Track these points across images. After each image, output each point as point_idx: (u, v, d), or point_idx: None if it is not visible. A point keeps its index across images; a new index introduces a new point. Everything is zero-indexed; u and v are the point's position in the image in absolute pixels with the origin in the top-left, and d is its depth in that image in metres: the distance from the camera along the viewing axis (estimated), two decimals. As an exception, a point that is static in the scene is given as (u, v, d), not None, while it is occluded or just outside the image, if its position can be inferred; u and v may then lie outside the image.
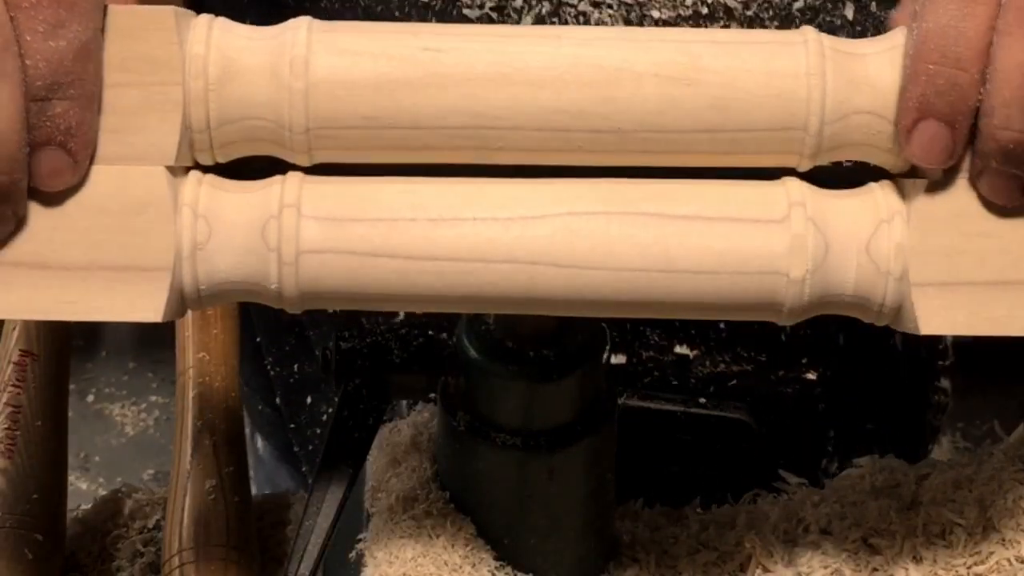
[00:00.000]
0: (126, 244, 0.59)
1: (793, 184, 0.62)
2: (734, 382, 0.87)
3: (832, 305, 0.61)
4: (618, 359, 0.85)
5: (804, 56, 0.60)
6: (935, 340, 0.97)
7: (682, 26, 0.77)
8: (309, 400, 1.01)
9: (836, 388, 0.91)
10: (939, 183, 0.60)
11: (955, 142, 0.59)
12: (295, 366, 1.00)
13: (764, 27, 0.78)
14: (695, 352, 0.87)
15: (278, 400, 1.03)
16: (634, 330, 0.85)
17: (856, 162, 0.63)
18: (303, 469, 1.05)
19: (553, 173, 0.62)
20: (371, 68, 0.60)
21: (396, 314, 0.82)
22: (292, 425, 1.02)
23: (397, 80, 0.60)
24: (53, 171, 0.59)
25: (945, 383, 1.01)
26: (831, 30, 0.79)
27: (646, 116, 0.60)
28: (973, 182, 0.60)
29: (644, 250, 0.60)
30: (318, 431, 1.01)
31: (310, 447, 1.02)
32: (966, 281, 0.60)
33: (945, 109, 0.58)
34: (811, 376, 0.89)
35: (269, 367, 1.02)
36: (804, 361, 0.88)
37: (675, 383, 0.87)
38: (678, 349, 0.87)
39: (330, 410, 0.98)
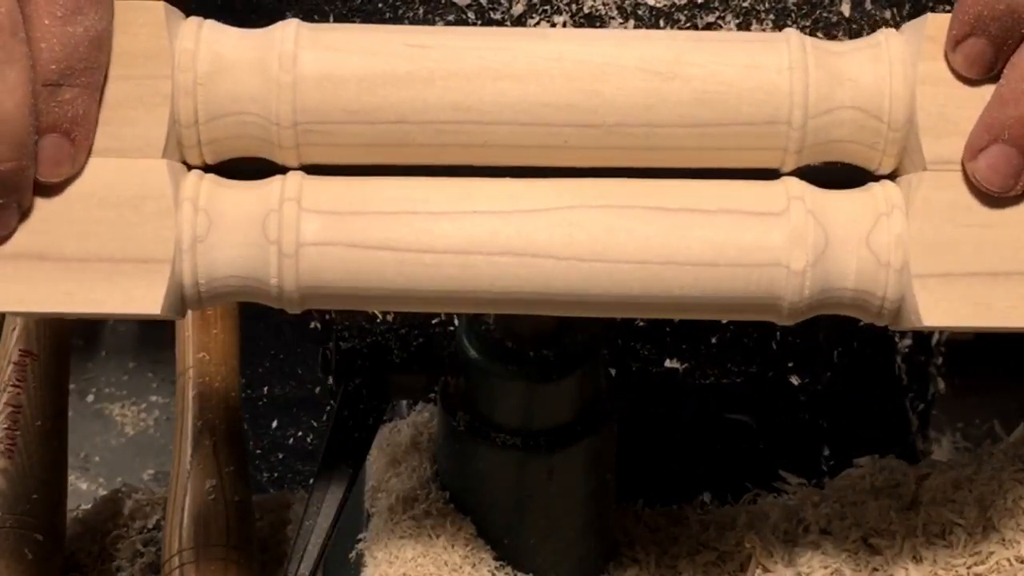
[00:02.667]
0: (125, 236, 0.59)
1: (792, 181, 0.62)
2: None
3: (833, 303, 0.61)
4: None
5: (786, 52, 0.61)
6: (924, 350, 0.98)
7: (677, 14, 0.79)
8: (275, 424, 1.01)
9: (824, 398, 0.91)
10: (938, 177, 0.60)
11: (997, 59, 0.60)
12: (265, 388, 1.00)
13: (759, 18, 0.79)
14: (685, 365, 0.87)
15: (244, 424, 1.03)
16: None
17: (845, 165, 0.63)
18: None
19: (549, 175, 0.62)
20: (358, 63, 0.60)
21: (396, 314, 0.82)
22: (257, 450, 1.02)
23: (383, 74, 0.60)
24: (54, 160, 0.59)
25: (939, 385, 1.01)
26: (827, 26, 0.80)
27: (632, 110, 0.60)
28: (969, 164, 0.60)
29: (643, 243, 0.60)
30: (280, 456, 1.01)
31: (275, 473, 1.02)
32: (967, 272, 0.60)
33: (996, 31, 0.60)
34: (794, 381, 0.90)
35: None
36: (791, 365, 0.89)
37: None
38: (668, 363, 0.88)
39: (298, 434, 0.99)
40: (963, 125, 0.61)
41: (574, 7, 0.78)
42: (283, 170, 0.62)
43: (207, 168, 0.62)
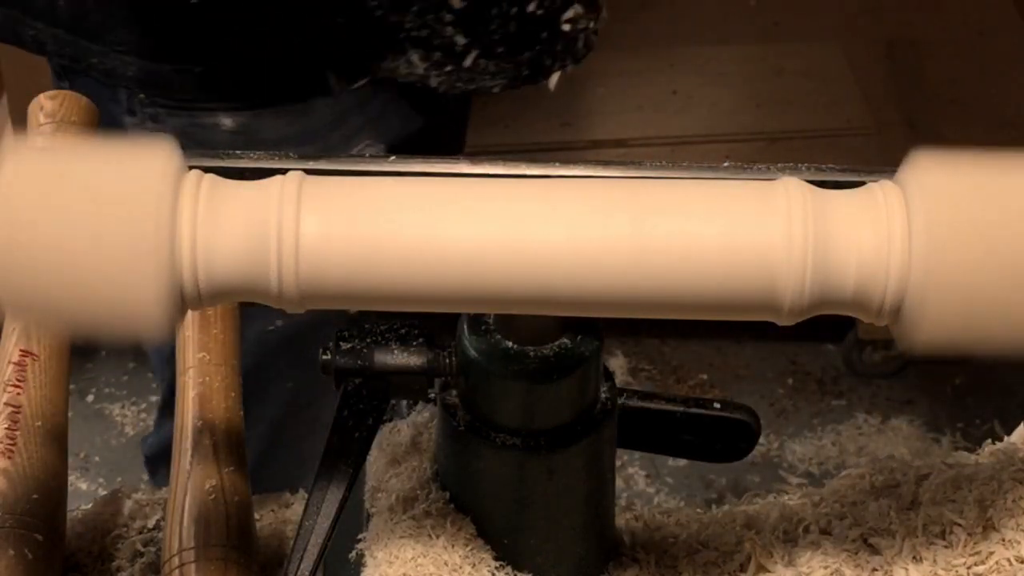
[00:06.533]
0: (125, 235, 0.59)
1: (792, 181, 0.62)
2: None
3: (832, 303, 0.61)
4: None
5: None
6: None
7: None
8: None
9: None
10: (940, 182, 0.60)
11: None
12: None
13: None
14: None
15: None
16: None
17: None
18: None
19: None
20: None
21: (396, 314, 0.82)
22: None
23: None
24: None
25: None
26: None
27: None
28: None
29: (643, 243, 0.60)
30: None
31: None
32: (969, 278, 0.60)
33: None
34: None
35: None
36: None
37: None
38: None
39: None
40: None
41: None
42: (283, 170, 0.62)
43: (215, 168, 0.62)
